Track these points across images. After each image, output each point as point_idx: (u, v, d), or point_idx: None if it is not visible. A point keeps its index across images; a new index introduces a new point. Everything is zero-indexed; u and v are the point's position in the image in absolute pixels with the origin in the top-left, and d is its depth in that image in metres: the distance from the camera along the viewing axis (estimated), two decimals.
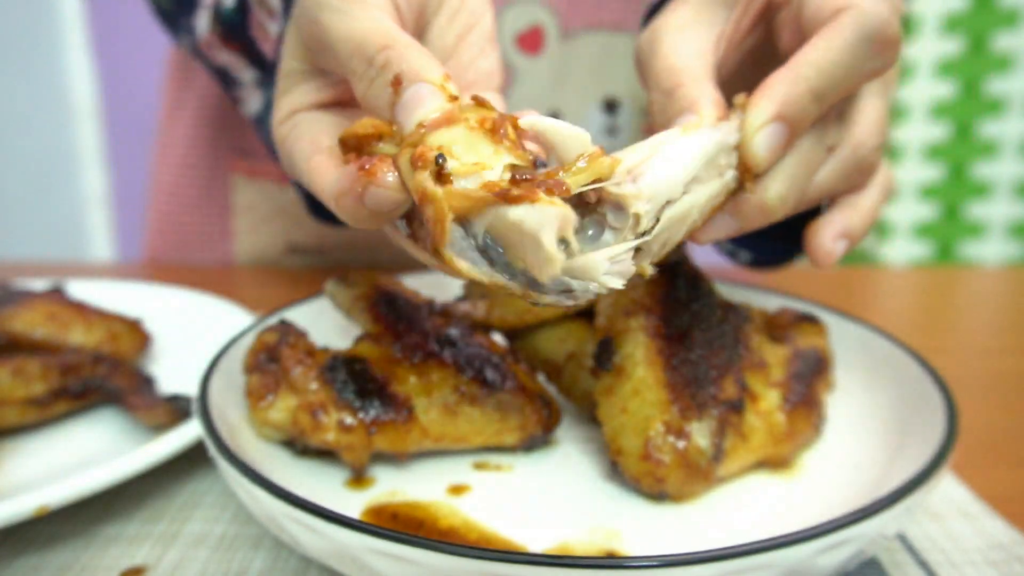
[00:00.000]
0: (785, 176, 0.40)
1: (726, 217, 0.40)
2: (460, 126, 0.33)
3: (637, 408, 0.43)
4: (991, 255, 2.35)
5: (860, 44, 0.38)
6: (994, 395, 0.64)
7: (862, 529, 0.33)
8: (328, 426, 0.43)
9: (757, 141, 0.38)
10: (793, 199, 0.41)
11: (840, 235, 0.44)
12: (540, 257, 0.30)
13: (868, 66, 0.39)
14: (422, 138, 0.32)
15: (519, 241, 0.30)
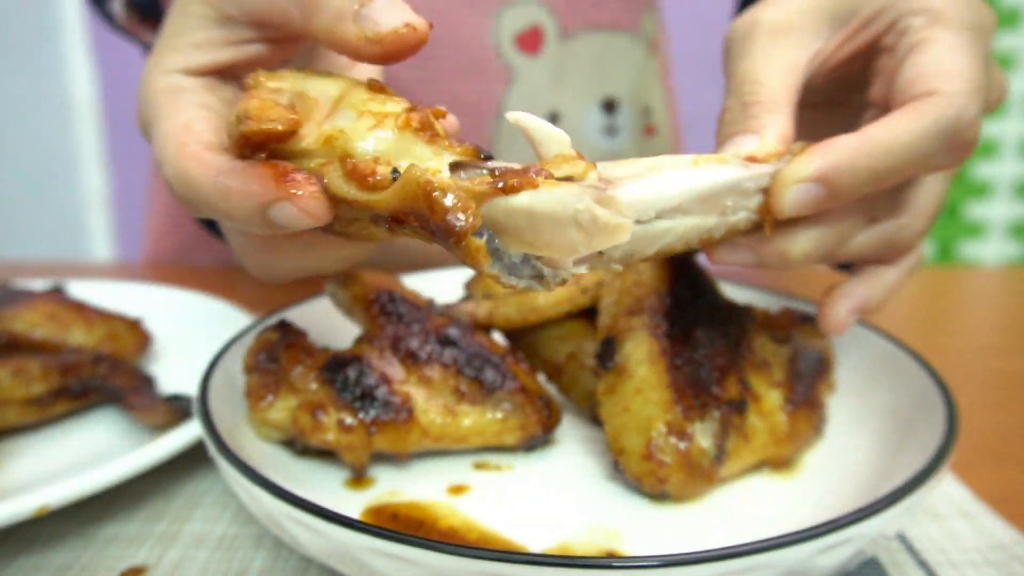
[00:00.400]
0: (816, 237, 0.39)
1: (744, 249, 0.40)
2: (388, 129, 0.32)
3: (639, 408, 0.43)
4: (991, 255, 2.35)
5: (936, 138, 0.36)
6: (994, 395, 0.64)
7: (862, 529, 0.33)
8: (328, 426, 0.43)
9: (790, 193, 0.37)
10: (817, 258, 0.40)
11: (857, 308, 0.43)
12: (563, 237, 0.31)
13: (937, 161, 0.37)
14: (346, 146, 0.31)
15: (526, 227, 0.31)
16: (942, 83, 0.36)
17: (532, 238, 0.31)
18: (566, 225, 0.30)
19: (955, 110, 0.36)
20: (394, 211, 0.31)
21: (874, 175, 0.36)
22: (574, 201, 0.30)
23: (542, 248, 0.31)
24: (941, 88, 0.36)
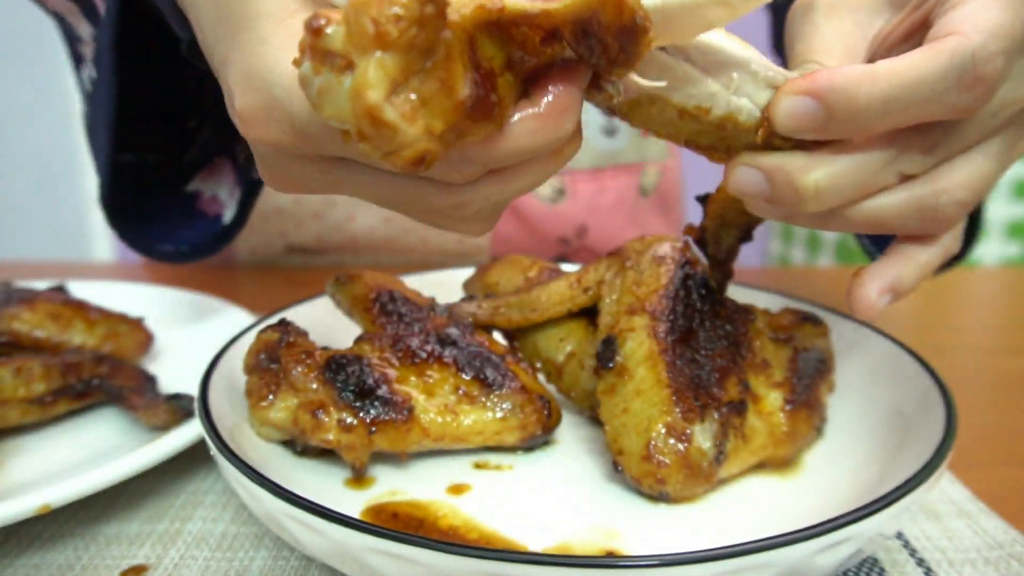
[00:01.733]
0: (833, 172, 0.37)
1: (758, 172, 0.38)
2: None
3: (639, 408, 0.43)
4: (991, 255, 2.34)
5: (948, 71, 0.35)
6: (994, 395, 0.64)
7: (861, 528, 0.33)
8: (328, 426, 0.43)
9: (784, 100, 0.36)
10: (831, 198, 0.37)
11: (888, 288, 0.41)
12: (702, 19, 0.31)
13: (950, 98, 0.36)
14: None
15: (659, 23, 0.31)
16: (962, 25, 0.36)
17: (665, 30, 0.31)
18: (707, 6, 0.31)
19: (971, 46, 0.35)
20: (571, 20, 0.29)
21: (878, 105, 0.35)
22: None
23: (676, 36, 0.32)
24: (961, 29, 0.36)
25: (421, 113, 0.27)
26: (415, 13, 0.26)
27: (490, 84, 0.30)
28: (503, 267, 0.58)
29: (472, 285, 0.59)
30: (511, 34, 0.30)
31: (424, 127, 0.28)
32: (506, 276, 0.57)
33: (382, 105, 0.26)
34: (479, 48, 0.29)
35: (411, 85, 0.27)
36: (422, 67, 0.27)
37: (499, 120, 0.31)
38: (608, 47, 0.30)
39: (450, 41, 0.27)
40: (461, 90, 0.28)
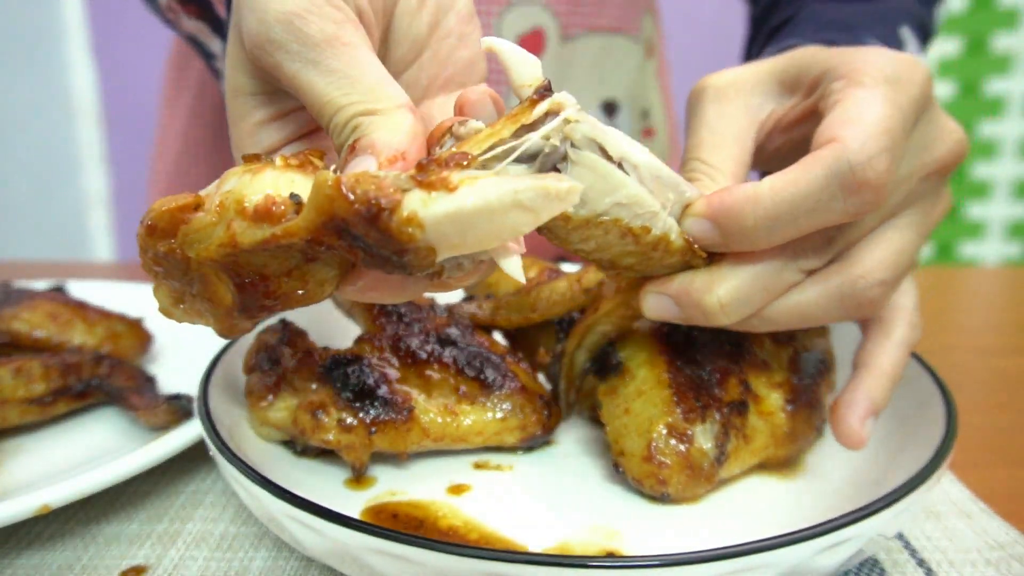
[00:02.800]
0: (733, 286, 0.38)
1: (665, 299, 0.40)
2: (268, 171, 0.32)
3: (640, 409, 0.43)
4: (991, 255, 2.35)
5: (829, 182, 0.35)
6: (994, 395, 0.64)
7: (862, 529, 0.33)
8: (328, 426, 0.43)
9: (686, 220, 0.38)
10: (740, 309, 0.38)
11: (867, 413, 0.41)
12: (504, 226, 0.29)
13: (837, 206, 0.36)
14: (239, 198, 0.31)
15: (454, 232, 0.29)
16: (841, 130, 0.36)
17: (463, 240, 0.29)
18: (506, 212, 0.28)
19: (846, 154, 0.35)
20: (316, 230, 0.29)
21: (766, 223, 0.36)
22: (509, 187, 0.28)
23: (477, 245, 0.29)
24: (839, 135, 0.36)
25: (202, 315, 0.34)
26: (150, 265, 0.33)
27: (261, 287, 0.33)
28: None
29: (472, 285, 0.59)
30: (279, 247, 0.31)
31: (209, 323, 0.34)
32: (506, 276, 0.57)
33: (169, 311, 0.35)
34: (238, 267, 0.32)
35: (188, 298, 0.34)
36: (189, 287, 0.33)
37: (307, 299, 0.34)
38: (368, 239, 0.29)
39: (201, 271, 0.32)
40: (225, 300, 0.33)
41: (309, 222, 0.29)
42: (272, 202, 0.31)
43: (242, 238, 0.31)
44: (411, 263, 0.29)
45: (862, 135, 0.36)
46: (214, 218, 0.31)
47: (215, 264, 0.31)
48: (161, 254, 0.32)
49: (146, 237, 0.32)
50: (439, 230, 0.28)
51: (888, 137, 0.36)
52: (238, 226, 0.31)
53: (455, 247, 0.29)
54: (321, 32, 0.34)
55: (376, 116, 0.33)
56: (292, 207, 0.30)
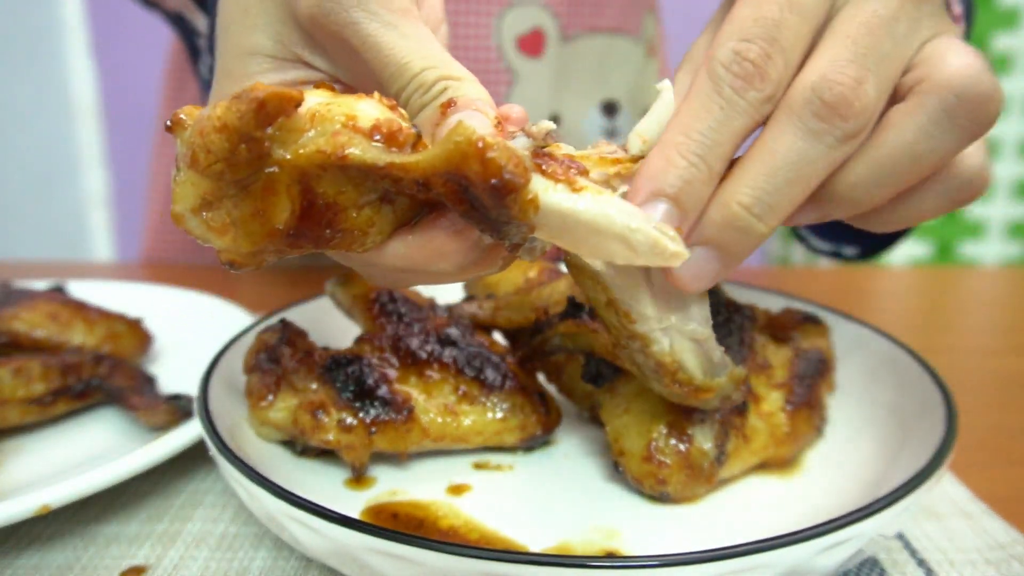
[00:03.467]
0: (751, 181, 0.32)
1: (699, 253, 0.33)
2: (371, 100, 0.31)
3: (640, 409, 0.43)
4: (991, 255, 2.35)
5: (710, 95, 0.33)
6: (994, 395, 0.64)
7: (862, 529, 0.33)
8: (328, 426, 0.43)
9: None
10: (773, 212, 0.32)
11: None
12: (602, 247, 0.30)
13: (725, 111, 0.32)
14: (346, 110, 0.30)
15: (559, 225, 0.30)
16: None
17: (561, 236, 0.30)
18: (610, 238, 0.30)
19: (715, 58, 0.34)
20: (433, 173, 0.29)
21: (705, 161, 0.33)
22: (627, 220, 0.30)
23: (572, 245, 0.31)
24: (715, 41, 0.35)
25: (231, 230, 0.30)
26: (224, 152, 0.28)
27: (327, 215, 0.31)
28: None
29: (472, 285, 0.59)
30: (374, 175, 0.30)
31: (231, 241, 0.31)
32: (506, 276, 0.57)
33: (183, 215, 0.30)
34: (318, 184, 0.30)
35: (225, 205, 0.30)
36: (236, 192, 0.30)
37: (358, 242, 0.32)
38: (484, 201, 0.29)
39: (275, 175, 0.29)
40: (277, 219, 0.30)
41: (432, 165, 0.28)
42: (399, 127, 0.30)
43: (353, 152, 0.29)
44: (509, 232, 0.30)
45: (726, 32, 0.33)
46: (309, 125, 0.30)
47: (297, 172, 0.29)
48: (241, 144, 0.28)
49: (251, 116, 0.28)
50: (549, 219, 0.30)
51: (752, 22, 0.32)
52: (349, 139, 0.29)
53: (552, 236, 0.31)
54: (399, 2, 0.35)
55: (463, 82, 0.34)
56: (413, 138, 0.30)
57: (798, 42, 0.32)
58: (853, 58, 0.31)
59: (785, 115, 0.32)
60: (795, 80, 0.32)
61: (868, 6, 0.33)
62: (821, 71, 0.31)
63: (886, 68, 0.32)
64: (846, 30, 0.32)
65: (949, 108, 0.32)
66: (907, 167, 0.33)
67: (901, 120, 0.32)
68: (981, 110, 0.32)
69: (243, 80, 0.36)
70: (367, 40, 0.34)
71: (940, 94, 0.32)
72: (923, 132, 0.32)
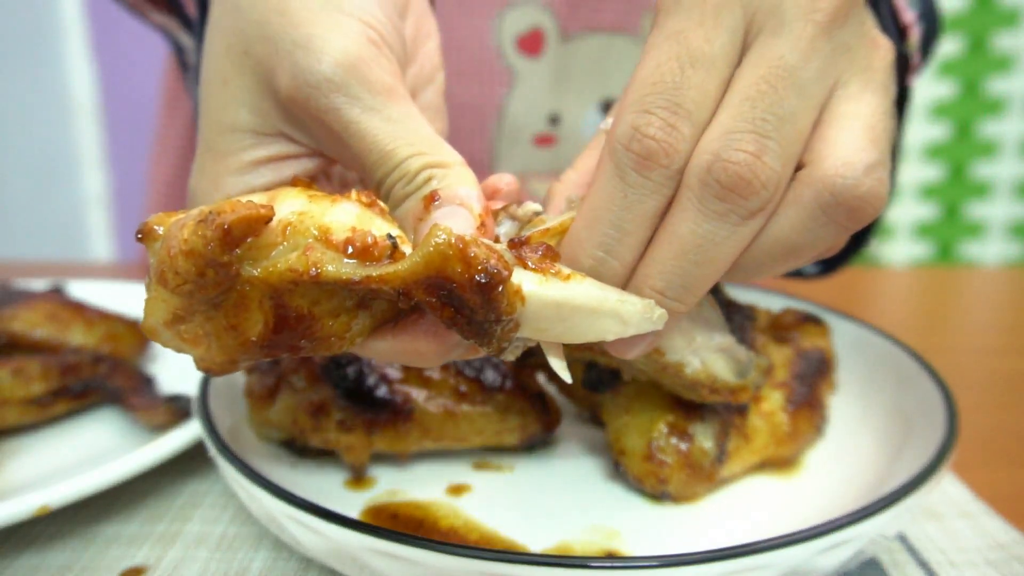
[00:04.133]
0: (659, 271, 0.32)
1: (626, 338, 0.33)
2: (350, 203, 0.31)
3: (641, 408, 0.43)
4: (991, 255, 2.35)
5: (611, 173, 0.32)
6: (994, 395, 0.64)
7: (862, 529, 0.33)
8: (328, 426, 0.43)
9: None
10: (685, 294, 0.32)
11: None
12: (595, 328, 0.30)
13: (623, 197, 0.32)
14: (317, 222, 0.29)
15: (553, 315, 0.30)
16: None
17: (551, 327, 0.30)
18: (604, 316, 0.30)
19: (614, 136, 0.33)
20: (414, 282, 0.28)
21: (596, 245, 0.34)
22: (615, 295, 0.30)
23: (563, 335, 0.31)
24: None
25: (204, 342, 0.30)
26: (191, 275, 0.28)
27: (302, 326, 0.30)
28: None
29: None
30: (350, 288, 0.29)
31: (206, 352, 0.30)
32: None
33: (155, 329, 0.30)
34: (291, 298, 0.29)
35: (197, 319, 0.30)
36: (207, 308, 0.29)
37: (335, 346, 0.31)
38: (469, 302, 0.28)
39: (246, 291, 0.29)
40: (250, 332, 0.30)
41: (413, 273, 0.28)
42: (373, 240, 0.29)
43: (326, 269, 0.28)
44: (494, 333, 0.30)
45: (625, 100, 0.32)
46: (281, 239, 0.29)
47: (269, 288, 0.29)
48: (208, 269, 0.28)
49: (217, 243, 0.27)
50: (541, 311, 0.30)
51: (651, 87, 0.31)
52: (321, 256, 0.28)
53: (538, 330, 0.30)
54: (381, 81, 0.33)
55: (449, 170, 0.32)
56: (388, 249, 0.29)
57: (704, 102, 0.31)
58: (751, 127, 0.30)
59: (686, 197, 0.31)
60: (692, 156, 0.31)
61: (774, 50, 0.31)
62: (715, 149, 0.30)
63: (790, 129, 0.30)
64: (747, 89, 0.31)
65: (826, 206, 0.31)
66: (789, 255, 0.32)
67: (783, 211, 0.31)
68: (857, 213, 0.31)
69: (227, 157, 0.35)
70: (349, 127, 0.33)
71: (818, 190, 0.30)
72: (802, 227, 0.31)
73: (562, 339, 0.31)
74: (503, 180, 0.35)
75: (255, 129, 0.35)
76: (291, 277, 0.28)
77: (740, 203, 0.30)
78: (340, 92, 0.32)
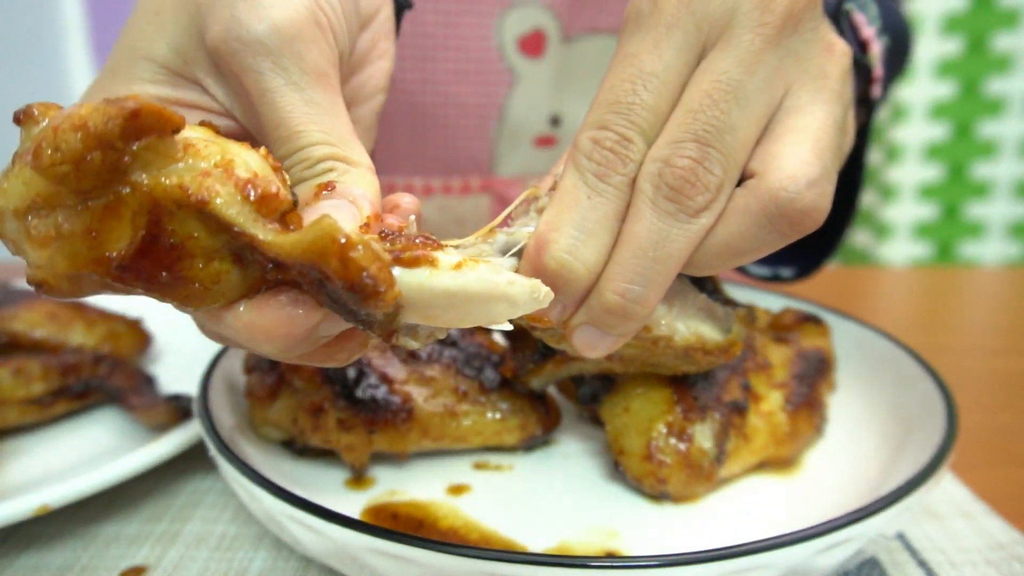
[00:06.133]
0: (618, 274, 0.33)
1: (589, 330, 0.35)
2: (256, 155, 0.28)
3: (640, 408, 0.43)
4: (991, 255, 2.34)
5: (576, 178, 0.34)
6: (994, 395, 0.64)
7: (862, 529, 0.33)
8: (328, 426, 0.43)
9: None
10: (643, 295, 0.33)
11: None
12: (486, 313, 0.29)
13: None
14: (225, 153, 0.27)
15: (444, 304, 0.29)
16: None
17: (443, 314, 0.29)
18: (495, 300, 0.29)
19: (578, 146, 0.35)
20: (289, 259, 0.26)
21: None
22: (504, 277, 0.29)
23: (453, 321, 0.29)
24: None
25: (52, 245, 0.26)
26: (74, 154, 0.25)
27: (169, 257, 0.27)
28: None
29: None
30: (231, 233, 0.27)
31: (48, 258, 0.27)
32: None
33: (2, 213, 0.26)
34: (169, 220, 0.26)
35: (55, 215, 0.26)
36: (73, 203, 0.26)
37: (195, 298, 0.28)
38: (343, 298, 0.27)
39: (124, 196, 0.26)
40: (111, 246, 0.26)
41: (289, 253, 0.26)
42: (276, 191, 0.27)
43: (216, 201, 0.26)
44: (379, 319, 0.28)
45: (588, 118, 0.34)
46: (181, 155, 0.26)
47: (150, 201, 0.26)
48: (97, 151, 0.25)
49: (118, 124, 0.24)
50: (428, 300, 0.28)
51: (608, 106, 0.33)
52: (218, 187, 0.26)
53: (430, 318, 0.29)
54: (315, 63, 0.33)
55: (353, 168, 0.32)
56: (288, 206, 0.27)
57: (655, 118, 0.33)
58: (693, 136, 0.32)
59: (639, 200, 0.33)
60: (644, 162, 0.33)
61: (719, 64, 0.33)
62: (663, 156, 0.32)
63: (731, 139, 0.33)
64: (690, 103, 0.33)
65: (771, 216, 0.33)
66: (735, 256, 0.34)
67: (730, 217, 0.33)
68: (798, 225, 0.33)
69: (128, 83, 0.33)
70: (265, 95, 0.32)
71: (763, 201, 0.32)
72: (748, 232, 0.33)
73: (455, 324, 0.30)
74: (404, 199, 0.34)
75: (171, 67, 0.34)
76: (178, 196, 0.26)
77: (686, 203, 0.32)
78: (269, 58, 0.32)
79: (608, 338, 0.35)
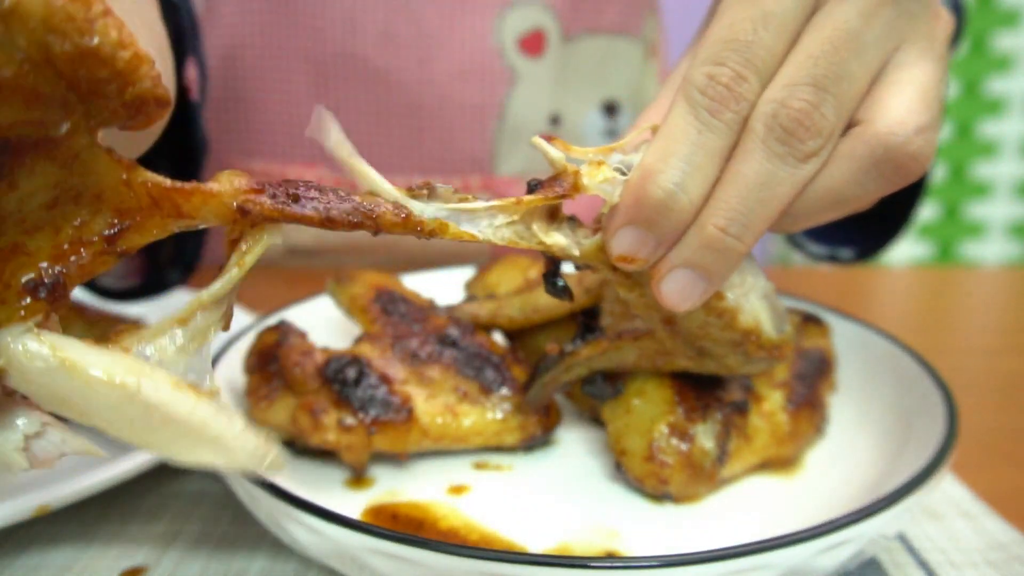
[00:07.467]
0: (725, 208, 0.33)
1: (680, 274, 0.34)
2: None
3: (642, 408, 0.43)
4: (991, 255, 2.35)
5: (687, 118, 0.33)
6: (994, 395, 0.64)
7: (862, 529, 0.33)
8: (328, 426, 0.43)
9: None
10: (747, 232, 0.33)
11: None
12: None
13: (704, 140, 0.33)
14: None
15: None
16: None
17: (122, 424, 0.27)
18: (204, 442, 0.26)
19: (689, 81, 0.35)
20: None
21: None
22: (235, 427, 0.27)
23: (125, 436, 0.28)
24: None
25: None
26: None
27: None
28: (503, 267, 0.58)
29: (473, 285, 0.59)
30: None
31: None
32: (506, 276, 0.57)
33: None
34: None
35: None
36: None
37: None
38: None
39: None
40: None
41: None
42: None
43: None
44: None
45: (699, 56, 0.33)
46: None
47: None
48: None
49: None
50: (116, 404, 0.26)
51: (725, 44, 0.33)
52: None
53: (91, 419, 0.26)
54: None
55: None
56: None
57: (772, 59, 0.33)
58: (811, 80, 0.33)
59: (750, 140, 0.33)
60: (758, 104, 0.33)
61: (839, 14, 0.34)
62: (779, 97, 0.33)
63: (847, 87, 0.33)
64: (810, 47, 0.33)
65: (877, 160, 0.34)
66: (837, 204, 0.35)
67: (835, 163, 0.34)
68: (905, 168, 0.34)
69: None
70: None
71: (871, 145, 0.33)
72: (852, 178, 0.34)
73: (127, 441, 0.27)
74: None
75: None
76: None
77: (798, 146, 0.33)
78: None
79: (699, 284, 0.34)
